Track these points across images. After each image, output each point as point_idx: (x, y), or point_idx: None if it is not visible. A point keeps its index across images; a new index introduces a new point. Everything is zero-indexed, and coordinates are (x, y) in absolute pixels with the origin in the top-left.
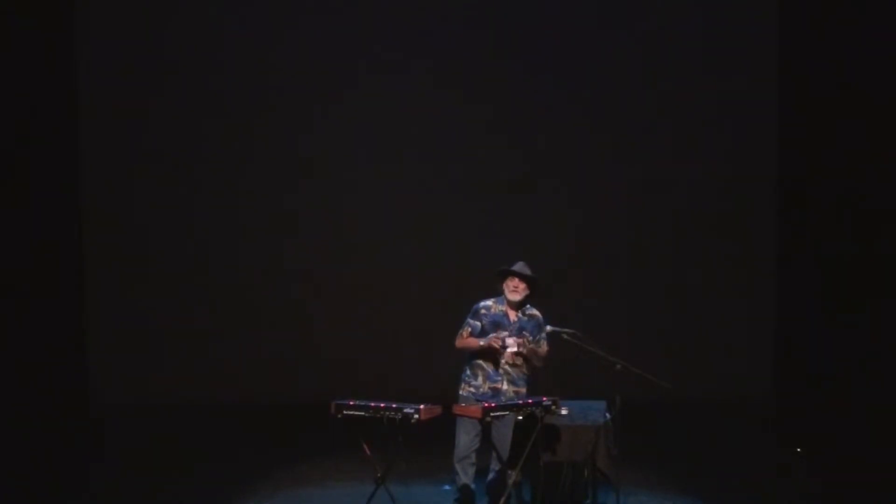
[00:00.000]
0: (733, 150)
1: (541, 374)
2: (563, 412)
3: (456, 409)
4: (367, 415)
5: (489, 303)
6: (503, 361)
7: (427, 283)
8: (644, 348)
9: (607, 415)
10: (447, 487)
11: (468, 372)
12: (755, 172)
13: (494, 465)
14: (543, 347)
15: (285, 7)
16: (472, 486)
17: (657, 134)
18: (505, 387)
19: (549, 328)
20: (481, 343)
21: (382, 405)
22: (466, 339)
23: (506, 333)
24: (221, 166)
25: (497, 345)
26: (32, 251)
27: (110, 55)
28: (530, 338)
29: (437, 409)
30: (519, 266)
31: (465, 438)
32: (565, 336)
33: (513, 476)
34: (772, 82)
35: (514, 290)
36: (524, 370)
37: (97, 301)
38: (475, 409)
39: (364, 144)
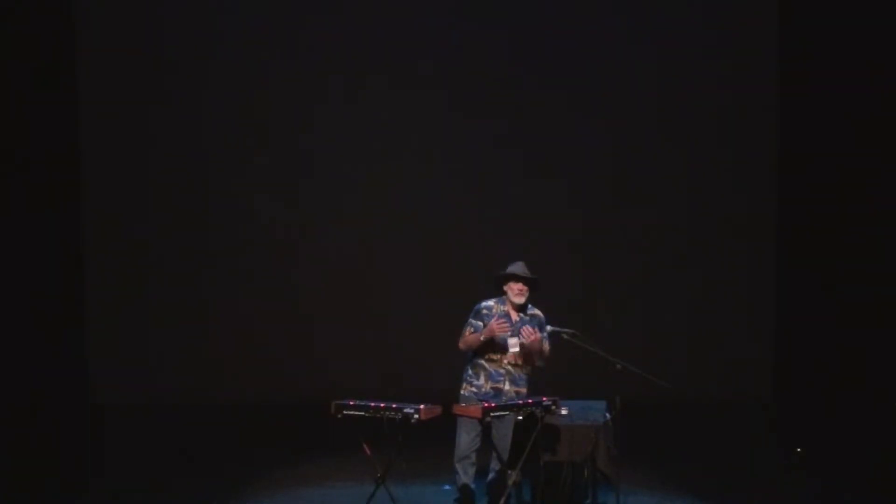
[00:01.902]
0: (734, 150)
1: (541, 374)
2: (563, 412)
3: (456, 409)
4: (367, 415)
5: (491, 303)
6: (505, 361)
7: (428, 283)
8: (644, 348)
9: (607, 415)
10: (447, 487)
11: (470, 371)
12: (755, 173)
13: (494, 465)
14: (545, 347)
15: (288, 6)
16: (472, 486)
17: (658, 135)
18: (507, 387)
19: (549, 328)
20: (482, 338)
21: (382, 405)
22: (469, 338)
23: (508, 333)
24: (223, 167)
25: (500, 331)
26: (32, 251)
27: (110, 54)
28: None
29: (437, 409)
30: (519, 268)
31: (466, 438)
32: (565, 336)
33: (513, 476)
34: (772, 82)
35: (520, 293)
36: (526, 370)
37: (97, 301)
38: (475, 409)
39: (365, 145)
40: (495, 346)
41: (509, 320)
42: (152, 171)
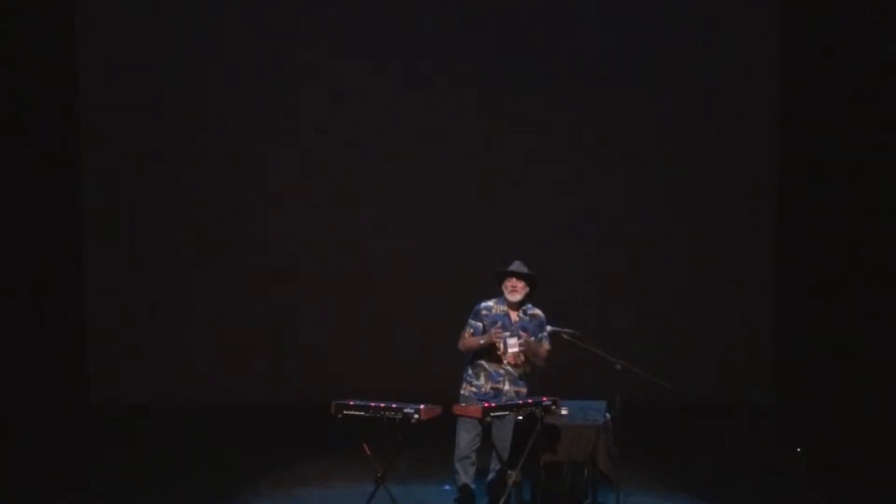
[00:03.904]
0: (733, 150)
1: (541, 373)
2: (563, 412)
3: (456, 409)
4: (367, 415)
5: (490, 303)
6: (505, 362)
7: (427, 283)
8: (644, 348)
9: (607, 415)
10: (447, 487)
11: (470, 371)
12: (755, 173)
13: (494, 465)
14: (545, 347)
15: (286, 4)
16: (472, 485)
17: (658, 135)
18: (507, 387)
19: (549, 328)
20: (481, 342)
21: (382, 405)
22: (468, 340)
23: (507, 333)
24: (221, 166)
25: (498, 339)
26: (33, 251)
27: (110, 52)
28: (531, 337)
29: (437, 409)
30: (515, 265)
31: (466, 438)
32: (565, 336)
33: (513, 476)
34: (772, 83)
35: (513, 290)
36: (526, 370)
37: (97, 301)
38: (475, 409)
39: (364, 142)
40: (495, 346)
41: (508, 320)
42: (152, 171)
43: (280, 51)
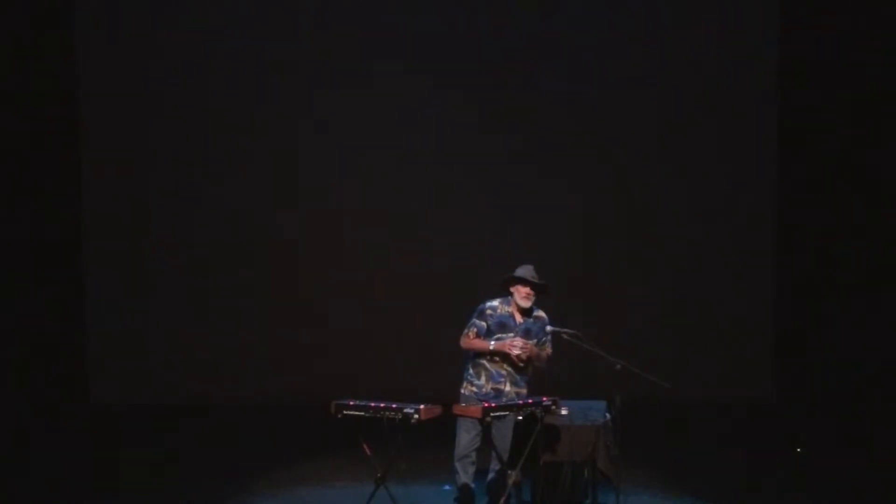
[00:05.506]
0: (734, 150)
1: (541, 373)
2: (563, 412)
3: (456, 409)
4: (367, 415)
5: (495, 303)
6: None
7: (428, 283)
8: (644, 348)
9: (607, 415)
10: (447, 487)
11: (471, 371)
12: (755, 173)
13: (494, 465)
14: (547, 350)
15: (288, 3)
16: (472, 485)
17: (659, 136)
18: (507, 388)
19: (549, 328)
20: (491, 347)
21: (382, 405)
22: (473, 341)
23: (511, 334)
24: (221, 166)
25: (509, 350)
26: (33, 251)
27: (110, 52)
28: (535, 340)
29: (437, 409)
30: (529, 272)
31: (466, 438)
32: (566, 336)
33: (513, 476)
34: (772, 83)
35: (527, 297)
36: (527, 371)
37: (97, 301)
38: (475, 409)
39: (365, 144)
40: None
41: (513, 321)
42: (153, 171)
43: (283, 50)
